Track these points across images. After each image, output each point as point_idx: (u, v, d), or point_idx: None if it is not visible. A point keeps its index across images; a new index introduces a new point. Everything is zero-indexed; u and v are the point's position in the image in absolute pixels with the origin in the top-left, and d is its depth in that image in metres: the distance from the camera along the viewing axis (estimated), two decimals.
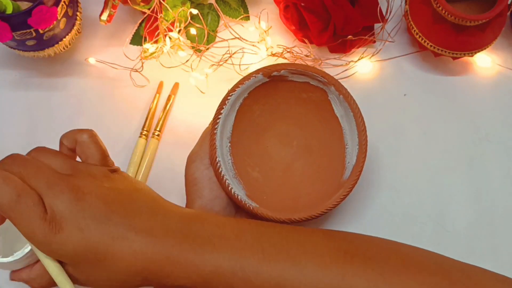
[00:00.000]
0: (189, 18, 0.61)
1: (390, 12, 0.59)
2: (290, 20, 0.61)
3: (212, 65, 0.61)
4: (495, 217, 0.57)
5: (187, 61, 0.61)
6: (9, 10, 0.54)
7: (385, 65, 0.62)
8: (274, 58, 0.61)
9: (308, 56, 0.60)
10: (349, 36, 0.59)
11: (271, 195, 0.53)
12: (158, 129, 0.60)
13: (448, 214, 0.57)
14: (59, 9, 0.55)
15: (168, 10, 0.60)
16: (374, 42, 0.61)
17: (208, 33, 0.62)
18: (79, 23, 0.60)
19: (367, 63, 0.61)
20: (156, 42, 0.61)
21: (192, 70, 0.61)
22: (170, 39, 0.60)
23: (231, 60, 0.60)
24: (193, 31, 0.61)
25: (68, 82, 0.63)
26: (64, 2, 0.56)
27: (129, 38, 0.63)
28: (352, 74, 0.61)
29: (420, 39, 0.59)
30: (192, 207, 0.50)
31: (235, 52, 0.60)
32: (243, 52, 0.60)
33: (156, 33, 0.61)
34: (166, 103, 0.61)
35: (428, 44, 0.58)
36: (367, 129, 0.59)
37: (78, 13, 0.60)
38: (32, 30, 0.55)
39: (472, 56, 0.59)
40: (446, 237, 0.56)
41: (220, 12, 0.62)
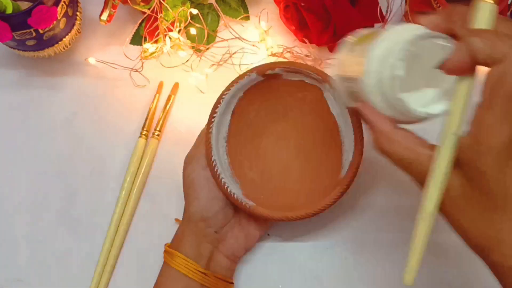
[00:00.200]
0: (189, 18, 0.61)
1: (390, 12, 0.59)
2: (290, 20, 0.61)
3: (212, 65, 0.61)
4: None
5: (187, 61, 0.61)
6: (9, 10, 0.54)
7: None
8: (274, 58, 0.61)
9: (308, 56, 0.60)
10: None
11: (268, 195, 0.53)
12: (158, 129, 0.60)
13: None
14: (59, 9, 0.55)
15: (168, 10, 0.60)
16: None
17: (208, 33, 0.62)
18: (79, 23, 0.60)
19: None
20: (156, 42, 0.61)
21: (192, 70, 0.61)
22: (170, 39, 0.60)
23: (231, 60, 0.60)
24: (193, 31, 0.61)
25: (68, 82, 0.63)
26: (64, 2, 0.56)
27: (129, 38, 0.63)
28: None
29: None
30: (190, 209, 0.51)
31: (235, 52, 0.60)
32: (243, 52, 0.60)
33: (156, 33, 0.61)
34: (166, 103, 0.61)
35: None
36: (368, 129, 0.59)
37: (78, 13, 0.60)
38: (32, 30, 0.55)
39: None
40: None
41: (220, 12, 0.62)
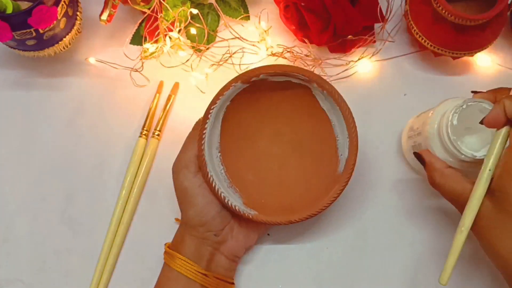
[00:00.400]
0: (189, 18, 0.61)
1: (390, 12, 0.59)
2: (290, 20, 0.61)
3: (212, 65, 0.61)
4: None
5: (187, 60, 0.61)
6: (9, 10, 0.54)
7: (385, 65, 0.62)
8: (274, 58, 0.61)
9: (308, 56, 0.60)
10: (349, 36, 0.59)
11: (269, 197, 0.53)
12: (158, 129, 0.60)
13: None
14: (59, 9, 0.55)
15: (168, 10, 0.60)
16: (374, 42, 0.61)
17: (208, 33, 0.62)
18: (79, 23, 0.60)
19: (367, 63, 0.61)
20: (156, 42, 0.61)
21: (192, 70, 0.61)
22: (170, 39, 0.60)
23: (231, 60, 0.60)
24: (193, 31, 0.61)
25: (68, 82, 0.63)
26: (64, 2, 0.56)
27: (129, 38, 0.63)
28: (352, 74, 0.61)
29: (420, 39, 0.59)
30: (187, 215, 0.51)
31: (235, 52, 0.60)
32: (243, 52, 0.60)
33: (156, 33, 0.61)
34: (166, 103, 0.61)
35: (428, 44, 0.58)
36: (367, 128, 0.59)
37: (78, 13, 0.60)
38: (32, 30, 0.55)
39: (472, 55, 0.59)
40: None
41: (220, 12, 0.62)
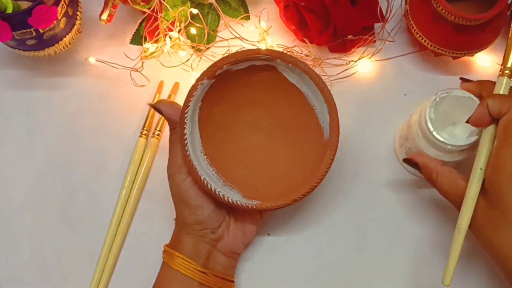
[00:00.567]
0: (189, 18, 0.61)
1: (390, 12, 0.59)
2: (290, 20, 0.61)
3: None
4: None
5: (187, 60, 0.61)
6: (9, 10, 0.54)
7: (385, 65, 0.62)
8: None
9: (308, 56, 0.60)
10: (349, 36, 0.59)
11: (266, 185, 0.53)
12: (158, 129, 0.60)
13: None
14: (59, 8, 0.55)
15: (168, 10, 0.60)
16: (374, 41, 0.61)
17: (208, 33, 0.62)
18: (79, 22, 0.60)
19: (367, 63, 0.61)
20: (156, 41, 0.61)
21: (192, 70, 0.61)
22: (170, 38, 0.60)
23: None
24: (193, 30, 0.61)
25: (68, 81, 0.63)
26: (64, 1, 0.56)
27: (129, 37, 0.63)
28: (352, 74, 0.61)
29: (420, 38, 0.59)
30: (182, 216, 0.51)
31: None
32: None
33: (156, 32, 0.61)
34: None
35: (428, 43, 0.58)
36: (366, 128, 0.59)
37: (78, 13, 0.60)
38: (32, 29, 0.55)
39: (472, 55, 0.59)
40: None
41: (220, 12, 0.62)
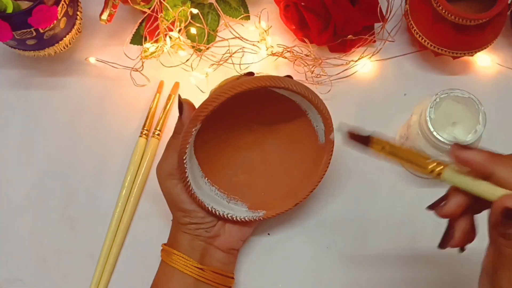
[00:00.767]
0: (189, 18, 0.61)
1: (390, 12, 0.59)
2: (290, 20, 0.61)
3: (212, 65, 0.61)
4: None
5: (187, 60, 0.61)
6: (10, 10, 0.54)
7: (385, 65, 0.62)
8: (274, 58, 0.61)
9: (308, 55, 0.60)
10: (349, 36, 0.59)
11: (268, 191, 0.54)
12: (158, 129, 0.60)
13: None
14: (59, 8, 0.55)
15: (169, 10, 0.60)
16: (374, 41, 0.61)
17: (208, 33, 0.62)
18: (79, 22, 0.60)
19: (367, 63, 0.61)
20: (156, 41, 0.61)
21: (193, 70, 0.61)
22: (171, 38, 0.60)
23: (231, 60, 0.60)
24: (193, 30, 0.61)
25: (68, 81, 0.63)
26: (65, 1, 0.56)
27: (129, 37, 0.63)
28: (352, 74, 0.61)
29: (420, 38, 0.59)
30: (177, 217, 0.51)
31: (235, 52, 0.60)
32: (243, 51, 0.60)
33: (157, 32, 0.61)
34: (167, 103, 0.61)
35: (428, 43, 0.58)
36: (366, 128, 0.59)
37: (78, 13, 0.60)
38: (32, 29, 0.55)
39: (472, 55, 0.59)
40: None
41: (220, 12, 0.62)
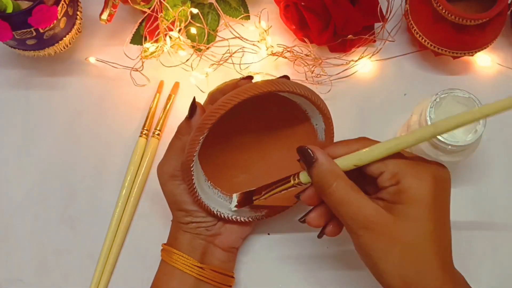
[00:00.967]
0: (189, 18, 0.61)
1: (390, 12, 0.59)
2: (290, 20, 0.61)
3: (213, 65, 0.61)
4: (494, 217, 0.57)
5: (187, 60, 0.61)
6: (10, 9, 0.54)
7: (385, 65, 0.62)
8: (274, 58, 0.61)
9: (308, 55, 0.60)
10: (349, 36, 0.59)
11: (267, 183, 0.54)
12: (158, 129, 0.60)
13: None
14: (59, 8, 0.55)
15: (169, 10, 0.60)
16: (374, 41, 0.61)
17: (209, 33, 0.62)
18: (79, 22, 0.60)
19: (367, 63, 0.61)
20: (156, 41, 0.61)
21: (193, 70, 0.61)
22: (171, 38, 0.60)
23: (232, 60, 0.60)
24: (193, 30, 0.61)
25: (68, 81, 0.63)
26: (64, 1, 0.56)
27: (129, 37, 0.63)
28: (352, 74, 0.61)
29: (420, 38, 0.59)
30: (177, 216, 0.51)
31: (235, 52, 0.60)
32: (243, 51, 0.60)
33: (157, 32, 0.61)
34: (167, 103, 0.61)
35: (428, 43, 0.58)
36: (366, 128, 0.59)
37: (78, 13, 0.60)
38: (32, 29, 0.55)
39: (472, 55, 0.59)
40: None
41: (220, 12, 0.62)
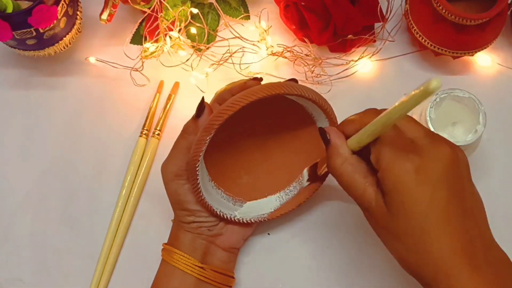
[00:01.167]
0: (189, 18, 0.61)
1: (390, 12, 0.59)
2: (291, 20, 0.61)
3: (213, 64, 0.61)
4: (494, 216, 0.57)
5: (187, 60, 0.61)
6: (10, 9, 0.54)
7: (385, 65, 0.62)
8: (274, 58, 0.61)
9: (308, 55, 0.60)
10: (350, 36, 0.59)
11: (270, 187, 0.54)
12: (158, 129, 0.60)
13: None
14: (59, 8, 0.55)
15: (169, 9, 0.60)
16: (375, 41, 0.61)
17: (209, 33, 0.62)
18: (79, 22, 0.60)
19: (367, 63, 0.61)
20: (156, 41, 0.61)
21: (193, 69, 0.61)
22: (171, 38, 0.60)
23: (232, 60, 0.60)
24: (193, 30, 0.61)
25: (68, 81, 0.63)
26: (65, 1, 0.56)
27: (129, 37, 0.63)
28: (352, 74, 0.61)
29: (420, 38, 0.59)
30: (180, 216, 0.51)
31: (235, 52, 0.60)
32: (243, 51, 0.60)
33: (157, 32, 0.61)
34: (167, 103, 0.61)
35: (428, 43, 0.58)
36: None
37: (78, 12, 0.60)
38: (32, 29, 0.55)
39: (473, 55, 0.59)
40: None
41: (220, 12, 0.62)
